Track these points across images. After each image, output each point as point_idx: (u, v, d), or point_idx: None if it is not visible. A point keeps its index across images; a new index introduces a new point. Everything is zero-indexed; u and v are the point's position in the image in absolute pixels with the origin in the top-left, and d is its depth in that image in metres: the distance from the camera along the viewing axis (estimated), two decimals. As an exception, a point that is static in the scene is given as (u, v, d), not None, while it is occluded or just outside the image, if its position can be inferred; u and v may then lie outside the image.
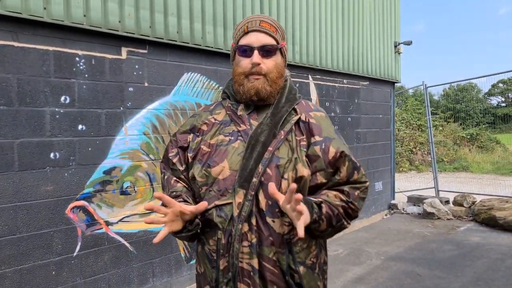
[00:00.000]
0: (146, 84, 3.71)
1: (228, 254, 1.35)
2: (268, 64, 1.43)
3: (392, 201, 7.64)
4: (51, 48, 3.11)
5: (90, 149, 3.34)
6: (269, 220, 1.34)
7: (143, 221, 1.17)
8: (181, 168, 1.50)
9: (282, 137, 1.40)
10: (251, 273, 1.33)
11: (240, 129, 1.44)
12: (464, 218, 6.99)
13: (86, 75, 3.31)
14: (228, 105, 1.51)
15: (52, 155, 3.12)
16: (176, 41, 3.84)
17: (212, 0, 4.15)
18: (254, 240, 1.33)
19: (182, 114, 4.00)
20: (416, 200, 7.75)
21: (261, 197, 1.34)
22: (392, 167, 7.58)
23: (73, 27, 3.17)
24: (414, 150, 15.84)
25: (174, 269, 3.95)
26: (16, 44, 2.94)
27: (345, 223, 1.42)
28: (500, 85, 32.20)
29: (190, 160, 1.47)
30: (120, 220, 3.53)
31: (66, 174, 3.20)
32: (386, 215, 7.40)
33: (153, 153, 3.77)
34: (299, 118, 1.47)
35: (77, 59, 3.25)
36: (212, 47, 4.16)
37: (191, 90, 4.09)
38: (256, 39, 1.42)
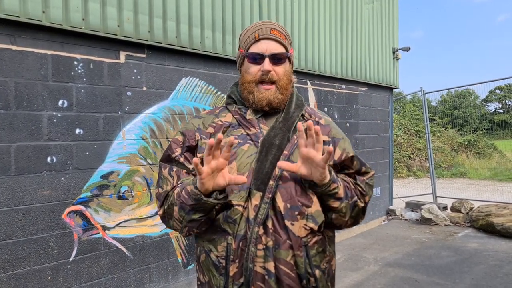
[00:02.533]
0: (144, 89, 3.71)
1: (240, 259, 1.32)
2: (278, 71, 1.44)
3: (390, 207, 7.63)
4: (49, 52, 3.10)
5: (87, 153, 3.32)
6: (287, 223, 1.32)
7: (193, 162, 1.16)
8: (190, 167, 1.45)
9: (296, 142, 1.41)
10: (266, 277, 1.31)
11: (250, 132, 1.43)
12: (462, 224, 6.98)
13: (84, 79, 3.30)
14: (236, 109, 1.50)
15: (49, 159, 3.11)
16: (174, 45, 3.84)
17: (211, 5, 4.16)
18: (270, 243, 1.31)
19: (180, 119, 3.99)
20: (414, 206, 7.75)
21: (279, 199, 1.33)
22: (390, 173, 7.58)
23: (71, 31, 3.17)
24: (412, 156, 15.86)
25: (171, 275, 3.92)
26: (14, 47, 2.93)
27: (358, 200, 1.42)
28: (498, 91, 32.33)
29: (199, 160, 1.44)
30: (117, 225, 3.51)
31: (63, 179, 3.18)
32: (384, 221, 7.39)
33: (151, 157, 3.75)
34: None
35: (75, 63, 3.25)
36: (210, 52, 4.16)
37: (189, 95, 4.09)
38: (267, 47, 1.43)
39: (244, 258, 1.31)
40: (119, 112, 3.53)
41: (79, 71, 3.27)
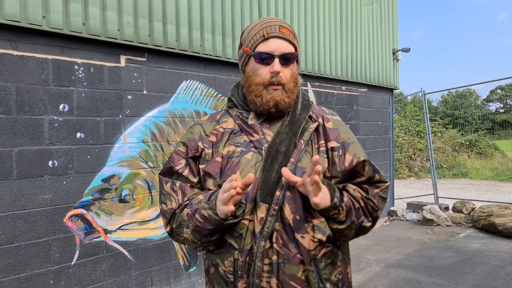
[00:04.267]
0: (145, 92, 3.72)
1: (248, 274, 1.25)
2: (286, 74, 1.35)
3: (392, 208, 7.63)
4: (50, 57, 3.12)
5: (88, 157, 3.34)
6: (298, 236, 1.23)
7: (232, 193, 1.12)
8: (195, 180, 1.36)
9: (303, 147, 1.32)
10: None
11: (253, 139, 1.34)
12: (464, 224, 6.97)
13: (85, 83, 3.32)
14: (237, 113, 1.41)
15: (50, 163, 3.12)
16: (174, 49, 3.85)
17: (210, 8, 4.18)
18: (274, 258, 1.23)
19: (181, 122, 4.01)
20: (415, 207, 7.74)
21: (287, 211, 1.24)
22: (391, 173, 7.58)
23: (72, 35, 3.18)
24: (413, 156, 15.85)
25: (173, 277, 3.93)
26: (15, 52, 2.95)
27: (365, 220, 1.31)
28: (498, 91, 32.33)
29: (201, 172, 1.35)
30: (119, 228, 3.52)
31: (64, 182, 3.19)
32: (385, 221, 7.39)
33: (152, 160, 3.76)
34: (318, 124, 1.39)
35: (76, 67, 3.26)
36: (210, 55, 4.17)
37: (190, 98, 4.10)
38: (276, 46, 1.33)
39: (251, 274, 1.24)
40: (120, 115, 3.55)
41: (80, 75, 3.28)
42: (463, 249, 5.51)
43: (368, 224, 1.33)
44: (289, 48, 1.35)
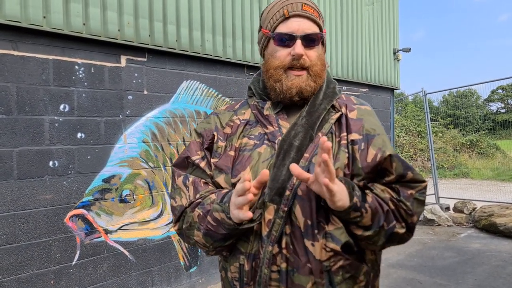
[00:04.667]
0: (145, 92, 3.72)
1: (254, 281, 1.13)
2: (311, 56, 1.19)
3: (392, 208, 7.61)
4: (50, 57, 3.12)
5: (89, 157, 3.34)
6: (308, 243, 1.09)
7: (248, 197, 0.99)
8: (211, 174, 1.24)
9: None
10: None
11: (267, 131, 1.21)
12: (465, 224, 6.97)
13: (86, 83, 3.32)
14: (254, 103, 1.28)
15: (51, 163, 3.12)
16: (175, 49, 3.85)
17: (211, 9, 4.18)
18: (283, 266, 1.10)
19: (181, 122, 4.01)
20: (416, 207, 7.72)
21: (298, 214, 1.10)
22: (392, 173, 7.56)
23: (72, 35, 3.18)
24: (414, 156, 15.84)
25: (174, 278, 3.93)
26: (15, 53, 2.95)
27: (398, 226, 1.10)
28: (500, 91, 32.29)
29: (213, 167, 1.24)
30: (119, 228, 3.52)
31: (65, 183, 3.19)
32: (386, 222, 7.38)
33: (152, 161, 3.76)
34: (341, 115, 1.22)
35: (76, 67, 3.26)
36: (211, 55, 4.17)
37: (190, 98, 4.10)
38: (298, 26, 1.17)
39: (257, 282, 1.12)
40: (121, 115, 3.55)
41: (80, 76, 3.29)
42: (464, 249, 5.50)
43: (402, 230, 1.11)
44: (313, 28, 1.19)
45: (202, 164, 1.24)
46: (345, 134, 1.18)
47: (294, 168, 0.98)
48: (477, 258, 5.12)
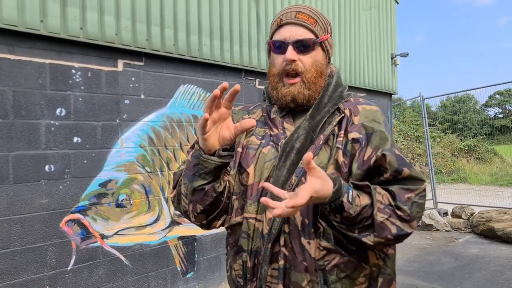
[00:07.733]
0: (142, 96, 3.72)
1: (257, 278, 1.18)
2: (305, 61, 1.23)
3: (391, 213, 7.60)
4: (47, 61, 3.11)
5: (85, 161, 3.32)
6: (304, 241, 1.14)
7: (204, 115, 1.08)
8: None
9: (321, 142, 1.20)
10: None
11: (272, 133, 1.27)
12: (463, 229, 6.96)
13: (82, 88, 3.31)
14: (265, 106, 1.35)
15: (47, 167, 3.11)
16: (172, 53, 3.85)
17: (208, 13, 4.18)
18: (282, 263, 1.15)
19: (178, 126, 4.00)
20: (414, 212, 7.71)
21: (297, 213, 1.14)
22: (390, 178, 7.56)
23: (69, 40, 3.18)
24: (412, 161, 15.85)
25: (170, 283, 3.90)
26: (12, 57, 2.95)
27: (368, 237, 1.11)
28: (497, 96, 32.39)
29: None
30: (116, 233, 3.50)
31: (61, 187, 3.18)
32: (384, 227, 7.36)
33: (149, 165, 3.75)
34: (343, 116, 1.25)
35: (73, 71, 3.26)
36: (208, 59, 4.17)
37: (187, 102, 4.09)
38: (290, 33, 1.23)
39: (258, 278, 1.17)
40: (117, 120, 3.54)
41: (77, 80, 3.28)
42: (462, 255, 5.49)
43: (391, 237, 1.11)
44: (305, 35, 1.23)
45: None
46: (342, 132, 1.21)
47: (308, 157, 0.96)
48: (475, 263, 5.10)
